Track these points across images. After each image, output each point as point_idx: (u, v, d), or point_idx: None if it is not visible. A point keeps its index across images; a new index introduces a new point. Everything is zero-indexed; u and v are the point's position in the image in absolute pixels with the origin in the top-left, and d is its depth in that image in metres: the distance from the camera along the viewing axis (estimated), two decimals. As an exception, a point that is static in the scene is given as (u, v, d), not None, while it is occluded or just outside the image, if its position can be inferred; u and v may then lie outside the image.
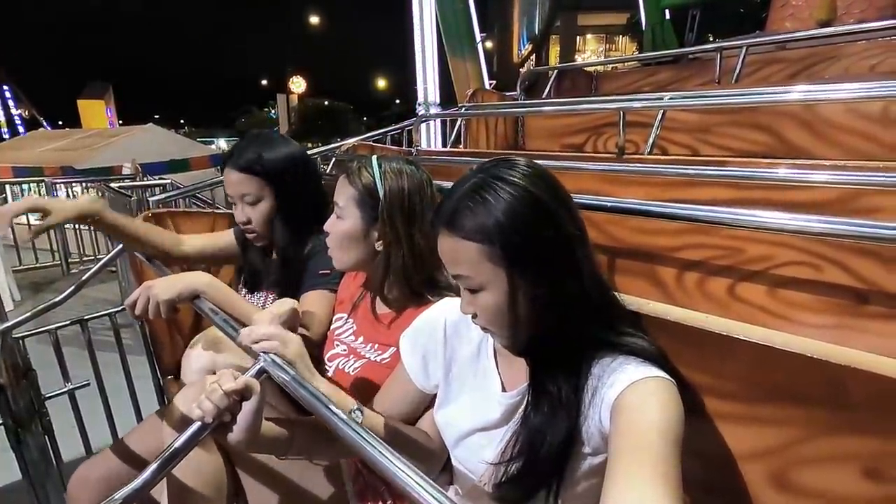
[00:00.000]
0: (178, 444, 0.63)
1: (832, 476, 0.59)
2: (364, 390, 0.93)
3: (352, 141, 2.25)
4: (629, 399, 0.57)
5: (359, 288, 1.05)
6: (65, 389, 1.47)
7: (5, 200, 4.48)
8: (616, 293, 0.75)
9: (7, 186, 5.00)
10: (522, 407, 0.66)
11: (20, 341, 1.36)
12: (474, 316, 0.67)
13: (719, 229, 1.27)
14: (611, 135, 2.07)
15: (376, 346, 0.97)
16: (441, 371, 0.78)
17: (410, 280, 0.92)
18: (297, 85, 34.36)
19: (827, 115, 1.82)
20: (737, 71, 2.35)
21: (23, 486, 1.38)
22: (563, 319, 0.62)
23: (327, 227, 0.97)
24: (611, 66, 3.66)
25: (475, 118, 2.63)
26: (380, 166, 0.92)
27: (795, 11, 3.25)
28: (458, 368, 0.77)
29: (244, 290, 1.34)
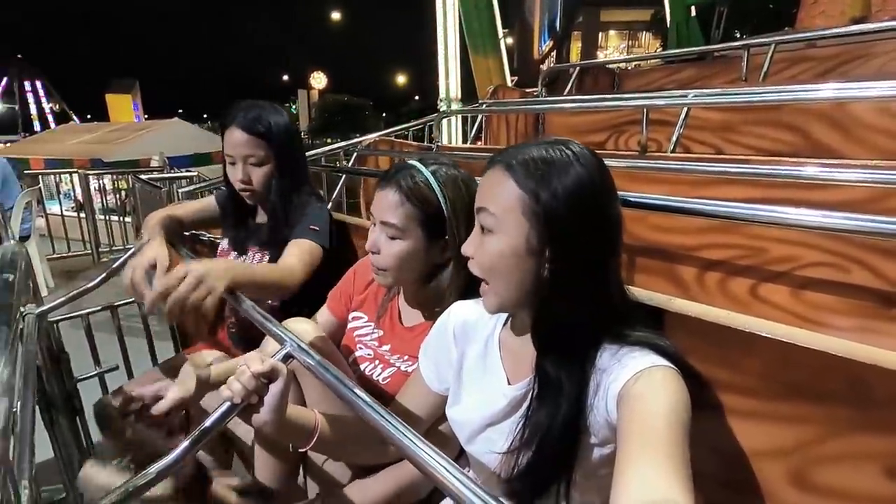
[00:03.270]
0: (208, 423, 0.66)
1: (853, 475, 0.59)
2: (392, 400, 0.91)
3: (373, 136, 2.27)
4: (635, 388, 0.57)
5: (381, 288, 1.02)
6: (95, 373, 1.53)
7: (39, 192, 4.63)
8: (638, 289, 0.76)
9: (40, 177, 5.16)
10: (527, 403, 0.67)
11: (54, 325, 1.42)
12: (469, 259, 0.68)
13: (742, 228, 1.25)
14: (633, 133, 2.05)
15: (406, 356, 0.95)
16: (452, 372, 0.79)
17: (467, 292, 0.85)
18: (318, 81, 34.66)
19: (858, 114, 1.78)
20: (764, 69, 2.30)
21: (55, 465, 1.44)
22: (570, 300, 0.62)
23: (374, 246, 0.90)
24: (634, 63, 3.62)
25: (496, 115, 2.63)
26: (434, 175, 0.87)
27: (827, 8, 3.17)
28: (467, 367, 0.78)
29: (233, 253, 1.39)
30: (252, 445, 0.96)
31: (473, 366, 0.77)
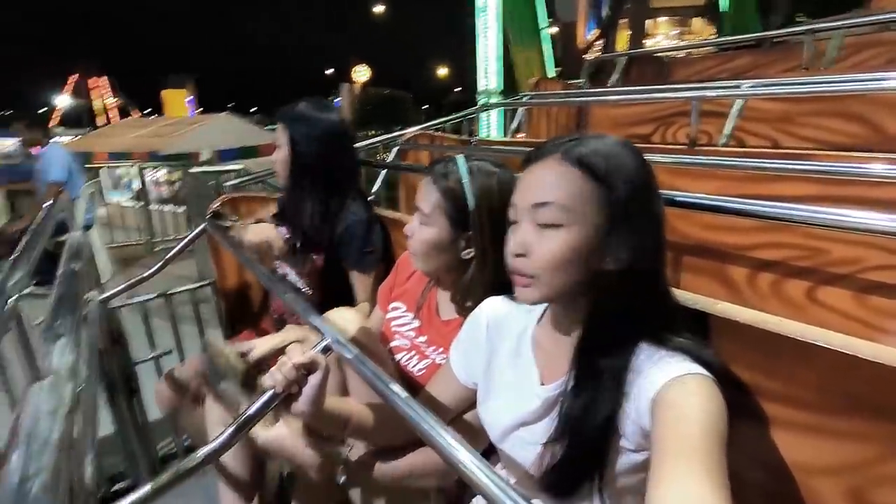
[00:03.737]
0: (251, 411, 0.69)
1: (918, 498, 0.55)
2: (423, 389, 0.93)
3: (413, 129, 2.28)
4: (669, 396, 0.55)
5: (421, 281, 1.03)
6: (151, 356, 1.62)
7: (99, 183, 4.94)
8: (681, 291, 0.73)
9: (105, 168, 5.51)
10: (562, 399, 0.66)
11: (114, 311, 1.51)
12: (520, 255, 0.63)
13: (799, 227, 1.18)
14: (682, 125, 1.96)
15: (441, 349, 0.95)
16: (481, 367, 0.78)
17: (495, 291, 0.85)
18: (361, 74, 35.10)
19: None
20: (830, 55, 2.14)
21: (115, 440, 1.54)
22: (626, 294, 0.61)
23: (409, 230, 0.94)
24: (684, 51, 3.44)
25: (536, 107, 2.58)
26: (469, 172, 0.87)
27: (906, -13, 2.91)
28: (498, 365, 0.77)
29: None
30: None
31: (505, 363, 0.76)
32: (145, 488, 0.62)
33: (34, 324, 0.61)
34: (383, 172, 1.81)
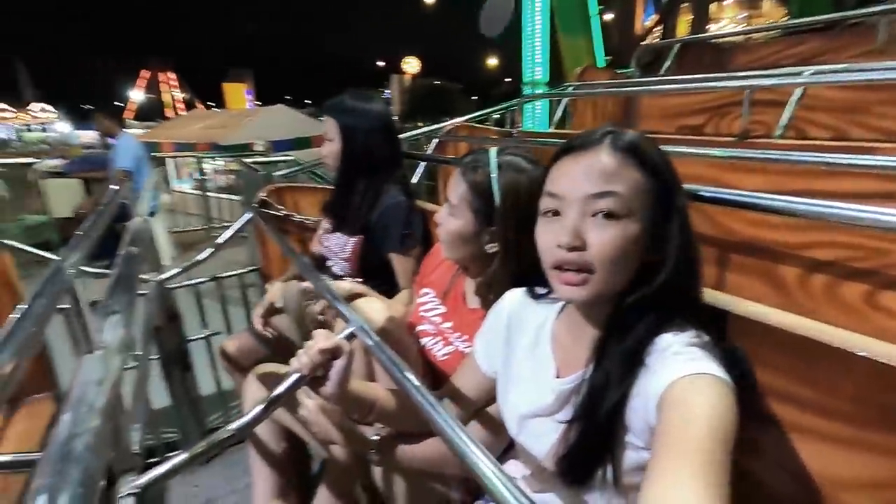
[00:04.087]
0: (279, 390, 0.73)
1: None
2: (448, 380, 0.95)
3: (454, 122, 2.28)
4: (676, 394, 0.53)
5: (450, 268, 1.04)
6: (203, 335, 1.73)
7: (165, 172, 5.28)
8: (708, 289, 0.71)
9: (171, 159, 5.88)
10: (577, 395, 0.65)
11: (171, 292, 1.63)
12: (575, 248, 0.60)
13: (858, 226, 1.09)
14: (737, 115, 1.85)
15: (465, 336, 0.97)
16: (500, 358, 0.79)
17: (518, 285, 0.84)
18: (410, 65, 35.35)
19: None
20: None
21: (170, 411, 1.67)
22: (657, 292, 0.61)
23: (438, 218, 0.96)
24: (745, 36, 3.20)
25: (582, 98, 2.51)
26: (499, 166, 0.87)
27: None
28: (517, 356, 0.77)
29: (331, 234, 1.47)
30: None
31: (523, 356, 0.76)
32: (183, 456, 0.67)
33: (90, 302, 0.68)
34: (422, 164, 1.83)
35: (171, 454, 0.67)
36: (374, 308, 0.93)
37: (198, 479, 1.67)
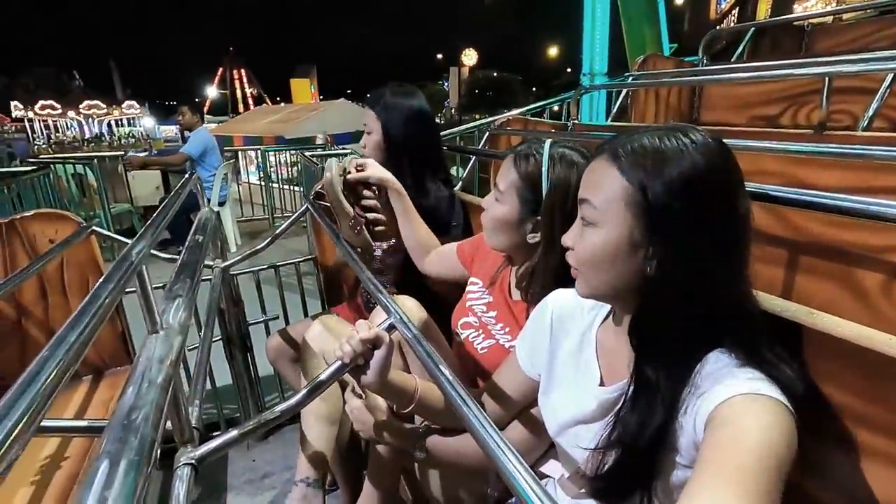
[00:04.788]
0: (322, 376, 0.77)
1: None
2: (488, 372, 0.96)
3: (507, 115, 2.25)
4: (726, 413, 0.50)
5: (501, 258, 1.05)
6: (262, 319, 1.84)
7: (236, 164, 5.61)
8: (769, 296, 0.66)
9: (237, 152, 6.23)
10: (619, 405, 0.63)
11: (234, 278, 1.74)
12: (570, 248, 0.66)
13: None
14: (818, 105, 1.69)
15: (507, 328, 0.97)
16: (545, 360, 0.78)
17: (558, 282, 0.84)
18: (469, 57, 35.19)
19: None
20: None
21: (232, 389, 1.78)
22: (676, 301, 0.57)
23: (485, 203, 0.97)
24: (831, 18, 2.88)
25: (644, 89, 2.39)
26: (551, 157, 0.87)
27: None
28: (560, 359, 0.76)
29: None
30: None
31: (567, 359, 0.75)
32: (234, 433, 0.72)
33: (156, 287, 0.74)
34: (473, 158, 1.82)
35: (226, 430, 0.72)
36: (408, 307, 0.95)
37: (256, 454, 1.79)
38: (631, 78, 2.33)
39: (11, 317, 1.52)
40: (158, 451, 0.47)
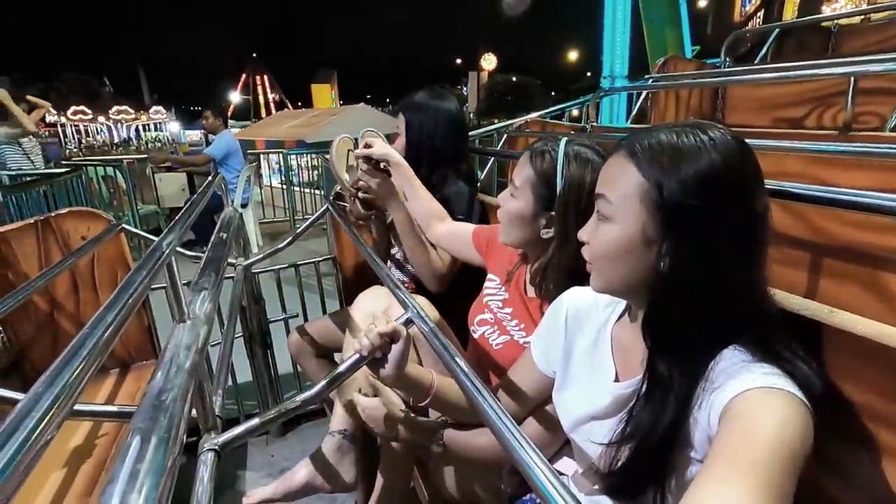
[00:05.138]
0: (341, 368, 0.79)
1: None
2: (503, 368, 0.97)
3: (525, 118, 2.26)
4: (741, 405, 0.49)
5: (517, 255, 1.06)
6: (282, 317, 1.87)
7: (258, 167, 5.73)
8: (789, 295, 0.65)
9: (261, 156, 6.36)
10: (633, 401, 0.63)
11: (255, 276, 1.78)
12: (585, 243, 0.66)
13: None
14: (843, 106, 1.66)
15: (522, 325, 0.98)
16: (560, 357, 0.78)
17: (572, 278, 0.86)
18: (489, 62, 35.25)
19: None
20: None
21: (251, 386, 1.82)
22: (689, 298, 0.57)
23: (500, 199, 0.99)
24: (860, 18, 2.81)
25: (664, 90, 2.37)
26: (566, 155, 0.88)
27: None
28: (575, 356, 0.76)
29: None
30: None
31: (582, 356, 0.75)
32: (256, 420, 0.74)
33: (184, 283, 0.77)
34: (491, 159, 1.84)
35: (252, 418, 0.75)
36: (420, 305, 0.96)
37: (274, 449, 1.82)
38: (651, 80, 2.32)
39: (45, 309, 1.58)
40: (185, 431, 0.49)
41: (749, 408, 0.49)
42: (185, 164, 4.90)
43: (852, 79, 1.37)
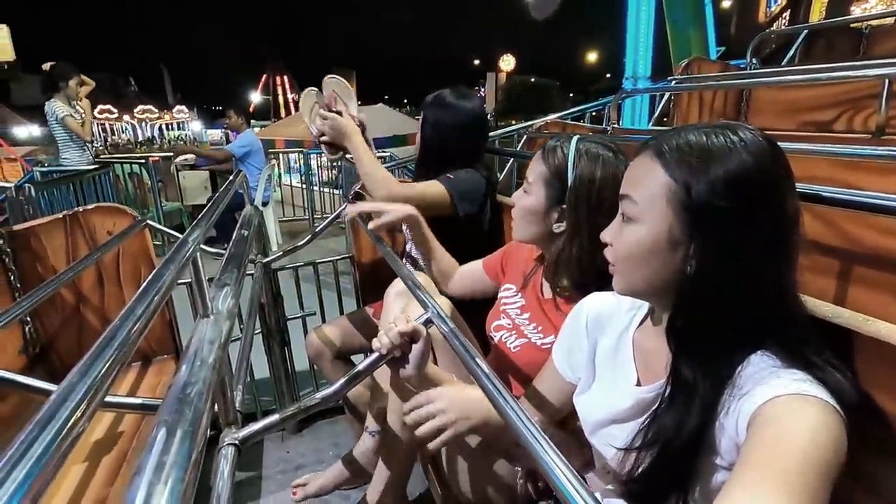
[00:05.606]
0: (361, 367, 0.79)
1: None
2: (521, 370, 0.97)
3: (545, 119, 2.24)
4: (770, 412, 0.48)
5: (533, 261, 1.06)
6: (299, 315, 1.89)
7: (278, 166, 5.80)
8: (821, 302, 0.64)
9: (280, 154, 6.44)
10: (656, 405, 0.62)
11: (275, 273, 1.79)
12: (608, 244, 0.66)
13: None
14: (875, 110, 1.61)
15: (540, 327, 0.98)
16: (582, 362, 0.78)
17: (584, 270, 0.90)
18: (507, 63, 35.15)
19: None
20: None
21: (268, 382, 1.84)
22: (716, 301, 0.56)
23: (514, 197, 1.01)
24: (893, 18, 2.72)
25: (687, 93, 2.33)
26: (577, 151, 0.90)
27: None
28: (597, 360, 0.76)
29: None
30: None
31: (603, 359, 0.74)
32: (276, 416, 0.75)
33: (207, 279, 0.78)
34: (511, 160, 1.83)
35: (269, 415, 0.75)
36: (442, 304, 0.97)
37: (290, 446, 1.83)
38: (674, 82, 2.28)
39: (71, 302, 1.62)
40: (209, 425, 0.50)
41: (779, 414, 0.48)
42: (205, 157, 5.00)
43: (886, 81, 1.33)
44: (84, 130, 3.90)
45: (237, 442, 0.71)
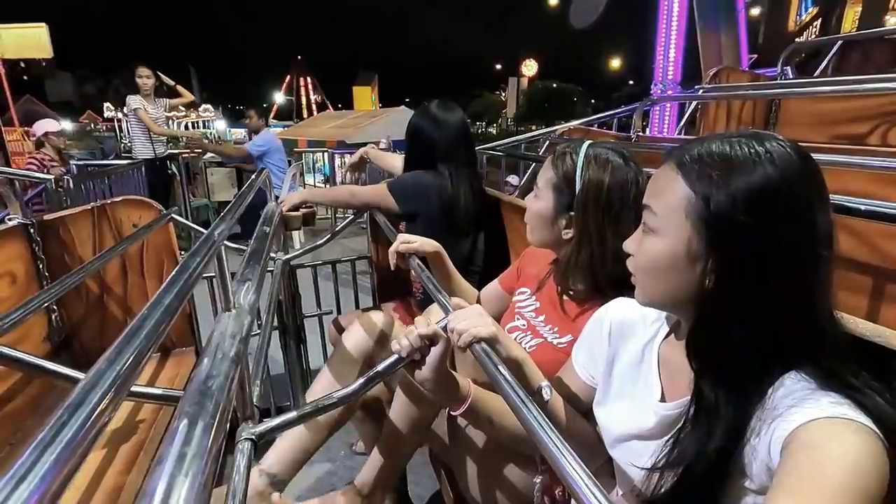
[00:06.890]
0: (380, 368, 0.78)
1: None
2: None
3: (568, 125, 2.22)
4: (807, 436, 0.45)
5: (548, 265, 1.06)
6: (316, 313, 1.90)
7: (301, 166, 5.88)
8: (862, 321, 0.61)
9: (303, 154, 6.52)
10: (681, 424, 0.60)
11: (294, 271, 1.81)
12: (630, 254, 0.65)
13: None
14: (914, 123, 1.55)
15: (556, 328, 0.97)
16: (602, 368, 0.76)
17: (595, 276, 0.90)
18: (529, 68, 35.06)
19: None
20: None
21: (283, 379, 1.85)
22: (738, 318, 0.53)
23: (527, 201, 1.01)
24: None
25: (715, 102, 2.29)
26: (586, 157, 0.90)
27: None
28: (618, 369, 0.74)
29: None
30: None
31: (626, 370, 0.72)
32: (292, 413, 0.75)
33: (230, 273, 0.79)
34: (533, 164, 1.82)
35: (283, 412, 0.76)
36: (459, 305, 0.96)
37: (302, 443, 1.84)
38: (702, 90, 2.24)
39: (95, 292, 1.66)
40: (229, 418, 0.50)
41: (816, 439, 0.45)
42: (223, 154, 5.10)
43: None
44: (154, 126, 4.26)
45: (254, 437, 0.71)
